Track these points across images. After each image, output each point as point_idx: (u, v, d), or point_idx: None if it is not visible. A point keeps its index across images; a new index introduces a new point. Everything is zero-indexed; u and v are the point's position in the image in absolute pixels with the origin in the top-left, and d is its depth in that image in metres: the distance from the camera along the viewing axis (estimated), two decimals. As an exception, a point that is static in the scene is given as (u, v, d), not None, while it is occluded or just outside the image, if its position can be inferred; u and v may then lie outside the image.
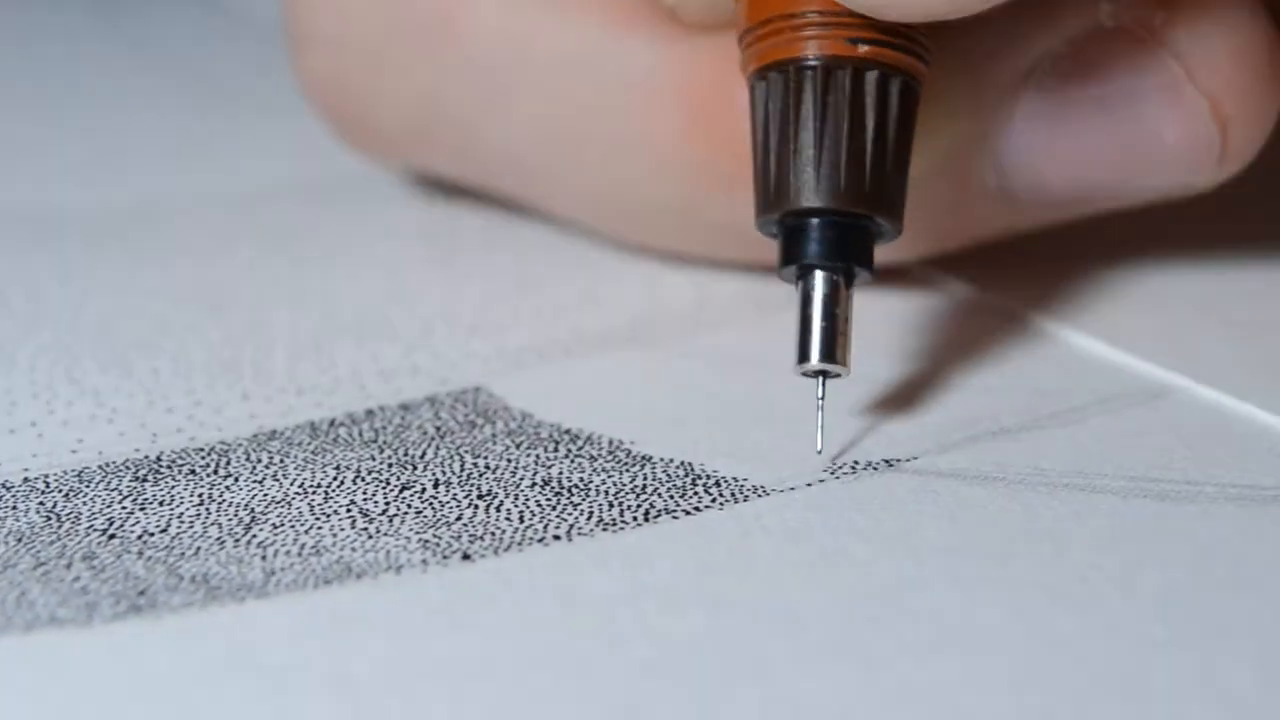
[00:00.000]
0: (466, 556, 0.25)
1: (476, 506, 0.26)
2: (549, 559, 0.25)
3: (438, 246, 0.34)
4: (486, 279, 0.33)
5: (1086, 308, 0.32)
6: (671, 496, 0.26)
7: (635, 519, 0.26)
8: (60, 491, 0.27)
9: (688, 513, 0.26)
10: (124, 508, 0.26)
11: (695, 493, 0.26)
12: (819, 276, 0.27)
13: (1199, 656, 0.23)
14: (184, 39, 0.47)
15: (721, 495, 0.26)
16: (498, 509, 0.26)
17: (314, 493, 0.27)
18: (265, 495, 0.27)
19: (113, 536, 0.26)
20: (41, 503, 0.26)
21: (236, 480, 0.27)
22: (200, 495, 0.27)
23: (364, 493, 0.27)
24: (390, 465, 0.27)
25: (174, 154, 0.40)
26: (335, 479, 0.27)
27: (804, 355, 0.27)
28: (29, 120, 0.38)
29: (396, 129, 0.34)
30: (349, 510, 0.26)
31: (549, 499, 0.26)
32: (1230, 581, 0.24)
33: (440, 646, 0.23)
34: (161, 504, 0.26)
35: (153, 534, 0.26)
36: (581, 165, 0.32)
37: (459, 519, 0.26)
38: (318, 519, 0.26)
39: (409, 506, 0.26)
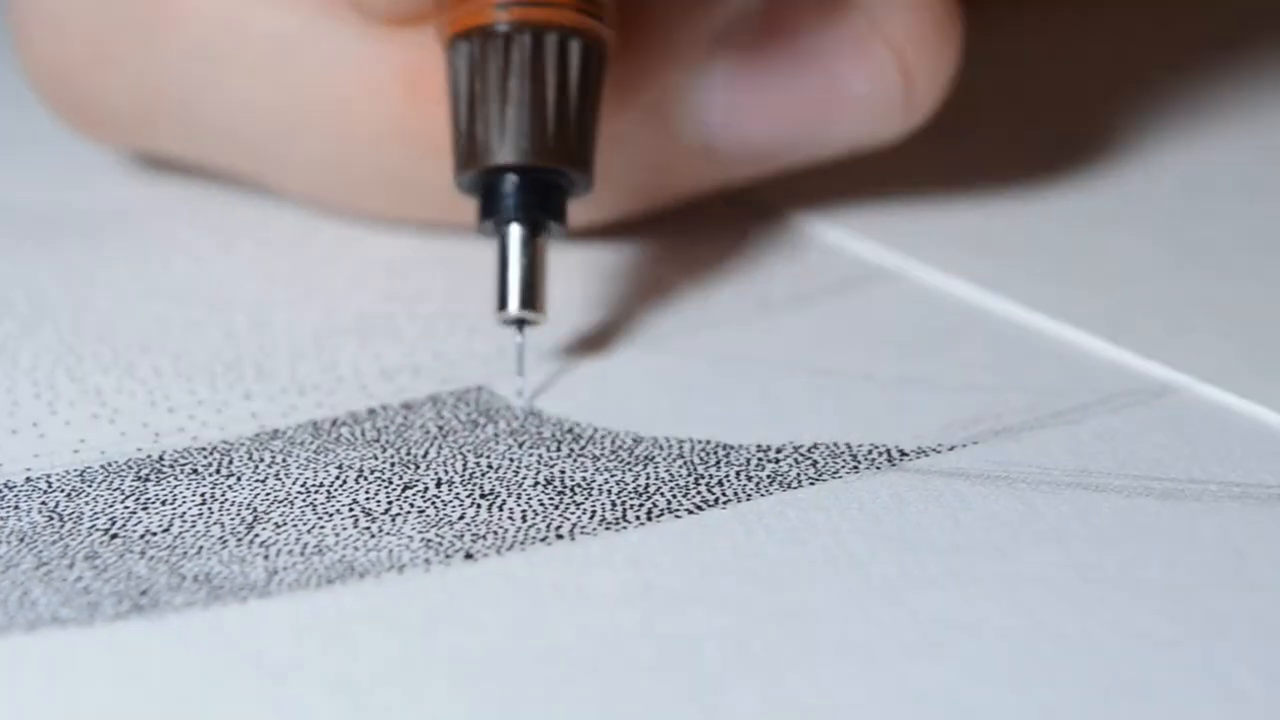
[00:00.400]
0: (469, 556, 0.25)
1: (479, 506, 0.26)
2: (552, 558, 0.25)
3: (439, 246, 0.34)
4: (487, 278, 0.33)
5: (1086, 306, 0.32)
6: (674, 495, 0.26)
7: (638, 518, 0.26)
8: (62, 491, 0.27)
9: (690, 512, 0.26)
10: (126, 507, 0.26)
11: (698, 492, 0.26)
12: (513, 229, 0.29)
13: (1202, 654, 0.23)
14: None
15: (724, 494, 0.26)
16: (500, 508, 0.26)
17: (316, 492, 0.27)
18: (268, 494, 0.27)
19: (115, 536, 0.26)
20: (44, 502, 0.26)
21: (239, 480, 0.27)
22: (203, 495, 0.27)
23: (366, 492, 0.27)
24: (393, 464, 0.27)
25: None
26: (338, 478, 0.27)
27: (503, 303, 0.29)
28: (30, 118, 0.38)
29: (120, 113, 0.35)
30: (351, 509, 0.26)
31: (552, 498, 0.26)
32: (1233, 579, 0.24)
33: (443, 645, 0.23)
34: (164, 503, 0.26)
35: (155, 533, 0.26)
36: (302, 140, 0.33)
37: (461, 518, 0.26)
38: (320, 518, 0.26)
39: (411, 506, 0.26)
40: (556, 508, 0.26)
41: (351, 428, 0.28)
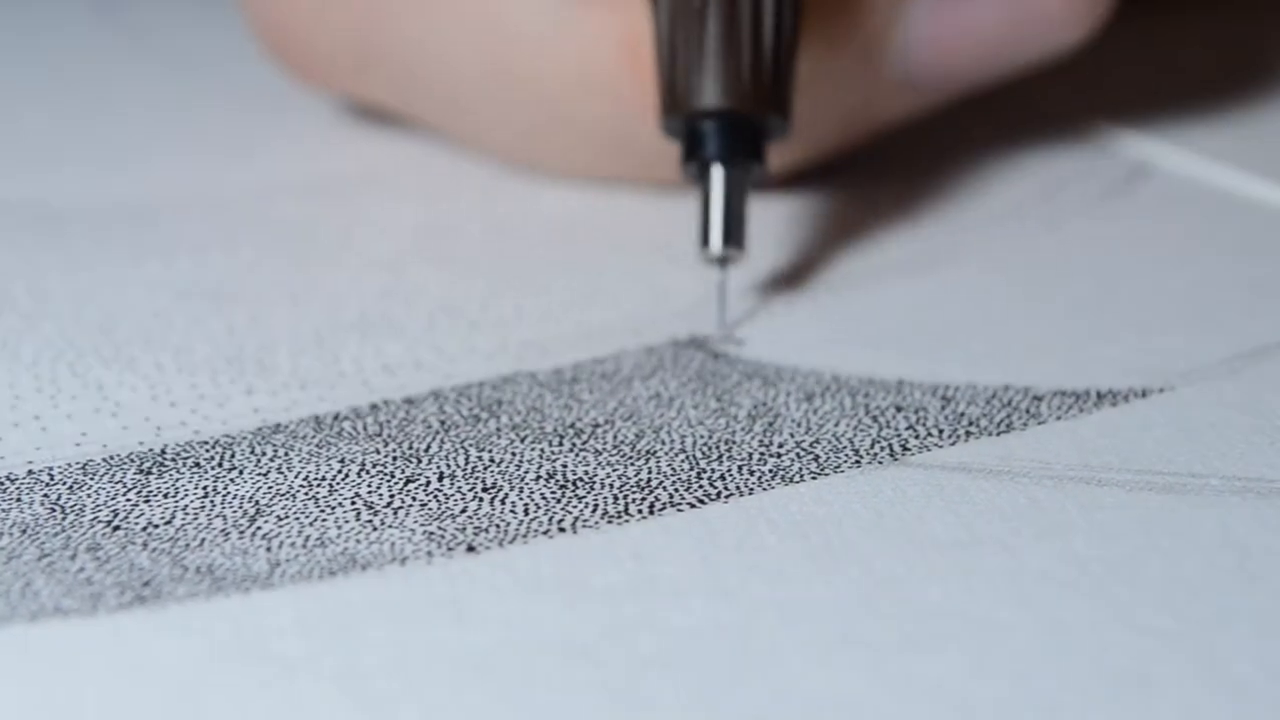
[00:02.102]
0: (471, 549, 0.25)
1: (481, 499, 0.26)
2: (554, 551, 0.25)
3: (440, 241, 0.34)
4: (489, 274, 0.33)
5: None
6: (676, 489, 0.26)
7: (640, 512, 0.26)
8: (65, 484, 0.27)
9: (692, 505, 0.26)
10: (128, 500, 0.26)
11: (700, 486, 0.26)
12: (716, 169, 0.31)
13: (1205, 648, 0.23)
14: (189, 35, 0.47)
15: (726, 488, 0.26)
16: (502, 502, 0.26)
17: (319, 485, 0.27)
18: (270, 488, 0.27)
19: (117, 528, 0.26)
20: (46, 495, 0.26)
21: (241, 473, 0.27)
22: (205, 488, 0.27)
23: (369, 485, 0.27)
24: (395, 458, 0.27)
25: (178, 149, 0.39)
26: (340, 472, 0.27)
27: (706, 241, 0.31)
28: (32, 115, 0.38)
29: (337, 60, 0.36)
30: (354, 503, 0.26)
31: (554, 492, 0.26)
32: (1235, 573, 0.24)
33: (445, 638, 0.23)
34: (166, 496, 0.26)
35: (157, 526, 0.26)
36: (517, 96, 0.34)
37: (464, 511, 0.26)
38: (323, 511, 0.26)
39: (414, 499, 0.26)
40: (559, 501, 0.26)
41: (354, 422, 0.28)
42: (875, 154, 0.37)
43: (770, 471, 0.27)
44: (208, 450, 0.28)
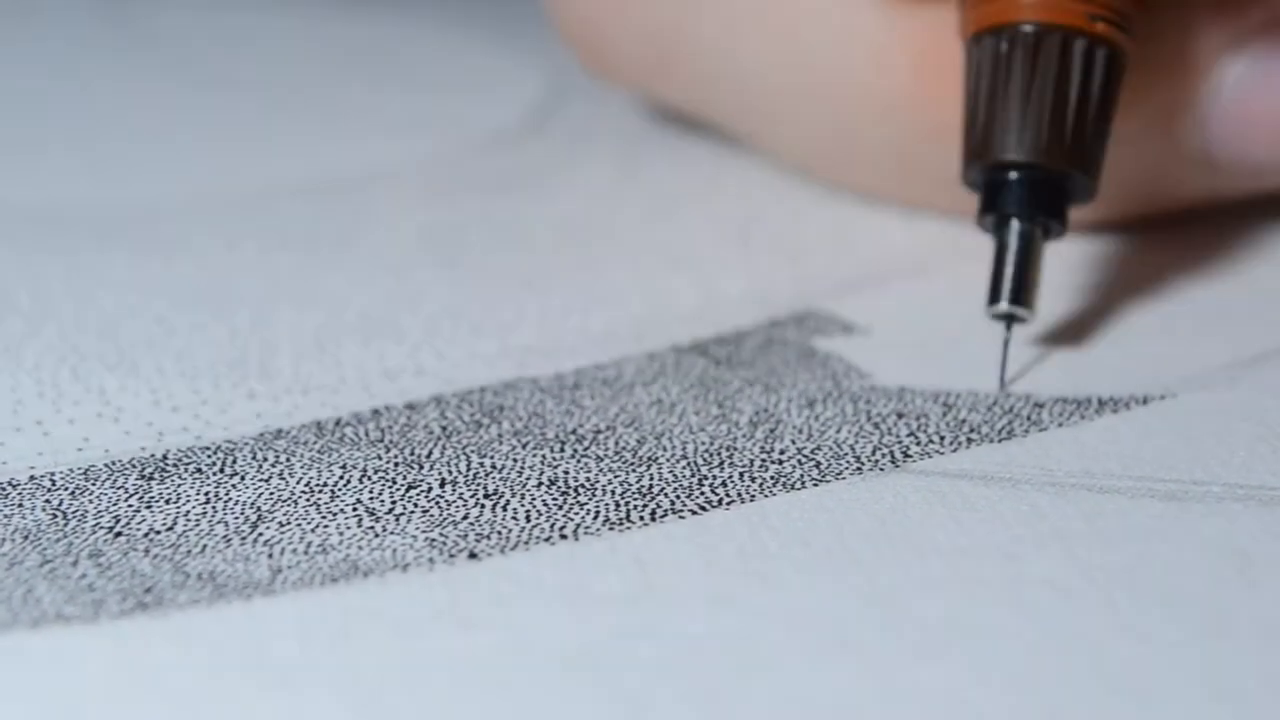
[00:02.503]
0: (473, 555, 0.25)
1: (483, 506, 0.26)
2: (555, 558, 0.25)
3: (442, 246, 0.34)
4: (491, 279, 0.33)
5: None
6: (678, 496, 0.26)
7: (642, 519, 0.26)
8: (67, 489, 0.27)
9: (694, 512, 0.26)
10: (130, 506, 0.26)
11: (702, 493, 0.26)
12: (1014, 225, 0.30)
13: (1206, 656, 0.23)
14: (190, 38, 0.47)
15: (728, 495, 0.26)
16: (504, 508, 0.26)
17: (320, 491, 0.27)
18: (272, 494, 0.27)
19: (119, 534, 0.26)
20: (48, 500, 0.26)
21: (243, 479, 0.27)
22: (206, 494, 0.27)
23: (370, 491, 0.27)
24: (396, 464, 0.27)
25: (179, 153, 0.40)
26: (342, 478, 0.27)
27: (995, 298, 0.30)
28: (34, 119, 0.38)
29: (637, 59, 0.36)
30: (355, 509, 0.26)
31: (555, 499, 0.26)
32: (1237, 581, 0.24)
33: (446, 645, 0.23)
34: (168, 502, 0.26)
35: (159, 532, 0.26)
36: (808, 108, 0.34)
37: (465, 518, 0.26)
38: (324, 517, 0.26)
39: (415, 505, 0.26)
40: (560, 508, 0.26)
41: (355, 428, 0.28)
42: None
43: (772, 478, 0.27)
44: (210, 456, 0.28)
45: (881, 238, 0.35)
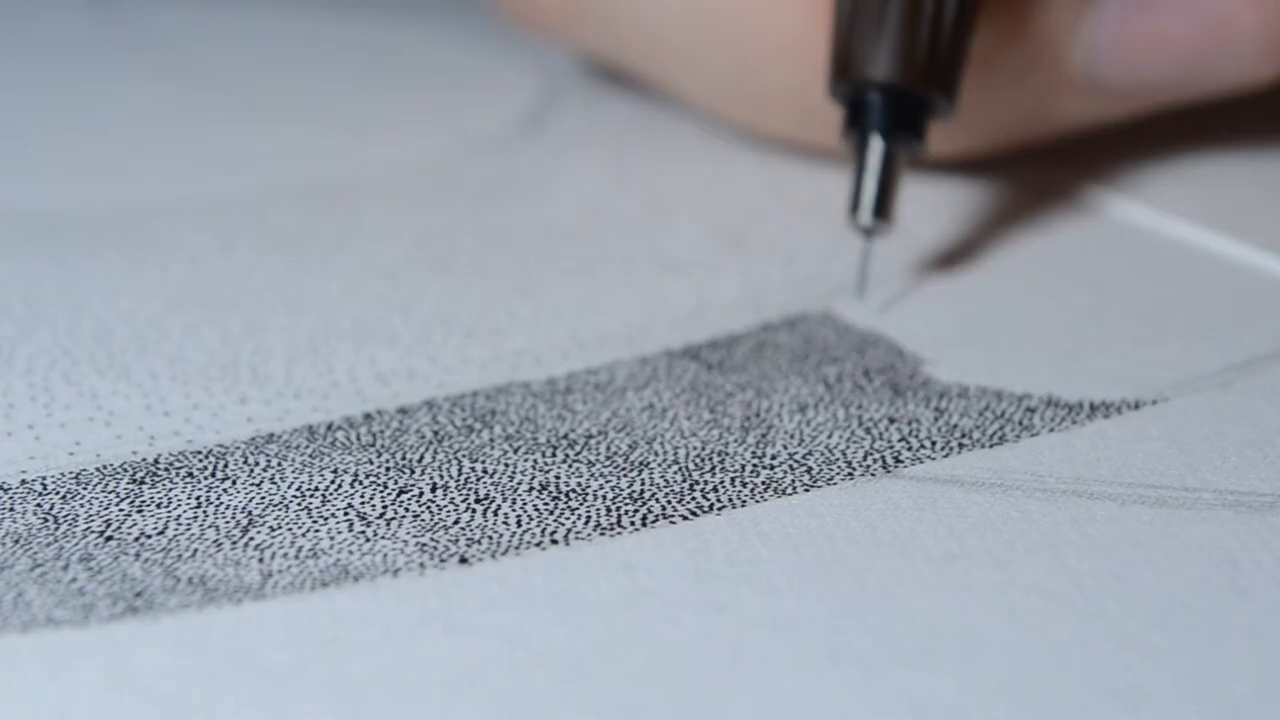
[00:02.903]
0: (464, 560, 0.25)
1: (474, 510, 0.26)
2: (546, 563, 0.25)
3: (435, 250, 0.34)
4: (484, 283, 0.33)
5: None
6: (669, 501, 0.26)
7: (632, 524, 0.26)
8: (58, 494, 0.27)
9: (685, 517, 0.26)
10: (121, 510, 0.26)
11: (693, 498, 0.26)
12: (874, 141, 0.31)
13: (1196, 663, 0.23)
14: (183, 41, 0.47)
15: (719, 501, 0.26)
16: (495, 513, 0.26)
17: (312, 496, 0.27)
18: (263, 498, 0.27)
19: (110, 538, 0.26)
20: (39, 504, 0.26)
21: (234, 483, 0.27)
22: (198, 498, 0.27)
23: (361, 496, 0.27)
24: (388, 469, 0.27)
25: (172, 156, 0.39)
26: (333, 482, 0.27)
27: (856, 209, 0.31)
28: (27, 122, 0.38)
29: (552, 6, 0.37)
30: (347, 513, 0.26)
31: (547, 504, 0.26)
32: (1227, 587, 0.24)
33: (437, 650, 0.23)
34: (159, 506, 0.26)
35: (150, 536, 0.26)
36: (711, 49, 0.35)
37: (456, 523, 0.26)
38: (315, 522, 0.26)
39: (406, 510, 0.26)
40: (551, 513, 0.26)
41: (347, 432, 0.28)
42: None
43: (763, 483, 0.27)
44: (201, 460, 0.28)
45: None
